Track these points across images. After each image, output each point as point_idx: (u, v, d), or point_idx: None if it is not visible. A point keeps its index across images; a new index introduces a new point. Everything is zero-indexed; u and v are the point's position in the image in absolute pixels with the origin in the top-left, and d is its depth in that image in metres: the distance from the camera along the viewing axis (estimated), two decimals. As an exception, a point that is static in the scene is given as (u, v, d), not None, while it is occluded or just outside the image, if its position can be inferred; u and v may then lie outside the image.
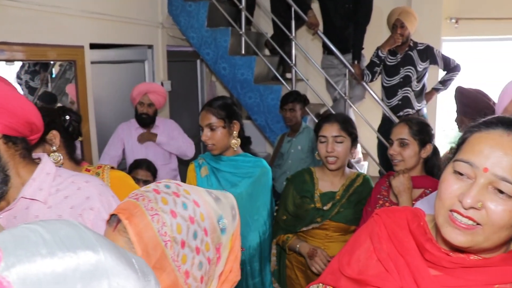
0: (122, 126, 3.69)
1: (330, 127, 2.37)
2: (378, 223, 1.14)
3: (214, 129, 2.28)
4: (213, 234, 0.94)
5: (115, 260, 0.60)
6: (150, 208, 0.88)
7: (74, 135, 1.93)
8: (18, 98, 1.29)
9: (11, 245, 0.54)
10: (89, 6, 3.52)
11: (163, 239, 0.87)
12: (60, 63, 4.01)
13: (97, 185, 1.45)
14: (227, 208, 1.00)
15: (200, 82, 5.57)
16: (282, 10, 4.76)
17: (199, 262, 0.91)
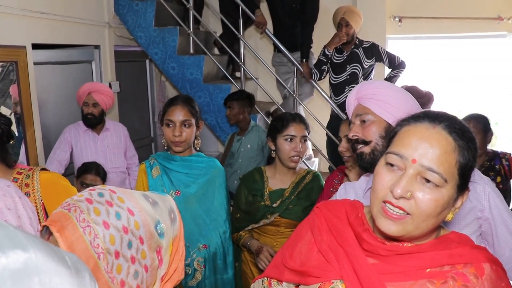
0: (69, 129, 3.60)
1: (298, 127, 2.43)
2: (319, 215, 1.18)
3: (187, 126, 2.27)
4: (150, 241, 0.94)
5: (45, 257, 0.60)
6: (82, 219, 0.87)
7: (4, 138, 1.89)
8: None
9: None
10: (31, 5, 3.41)
11: (95, 251, 0.86)
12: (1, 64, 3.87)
13: (2, 187, 1.48)
14: (165, 212, 1.00)
15: (149, 82, 5.51)
16: (230, 10, 4.77)
17: (135, 271, 0.91)
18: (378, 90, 1.60)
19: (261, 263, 2.37)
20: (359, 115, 1.63)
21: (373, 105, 1.59)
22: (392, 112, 1.52)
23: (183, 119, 2.26)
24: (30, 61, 3.43)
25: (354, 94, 1.68)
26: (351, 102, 1.69)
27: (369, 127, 1.59)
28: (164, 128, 2.31)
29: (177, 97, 2.37)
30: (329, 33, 4.75)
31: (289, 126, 2.44)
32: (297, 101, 4.57)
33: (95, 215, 0.88)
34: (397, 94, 1.60)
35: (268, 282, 1.25)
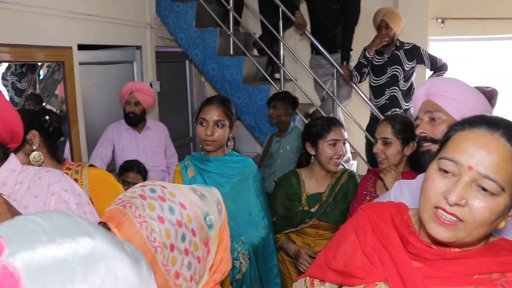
0: (112, 127, 3.69)
1: (339, 131, 2.44)
2: (363, 217, 1.17)
3: (220, 126, 2.28)
4: (201, 233, 0.96)
5: (110, 244, 0.63)
6: (138, 215, 0.90)
7: (55, 135, 1.96)
8: (10, 109, 1.39)
9: (12, 234, 0.57)
10: (77, 7, 3.53)
11: (152, 245, 0.89)
12: (48, 64, 4.00)
13: (57, 173, 1.52)
14: (213, 204, 1.02)
15: (189, 82, 5.58)
16: (270, 11, 4.78)
17: (188, 262, 0.93)
18: (452, 88, 1.54)
19: (302, 266, 2.39)
20: (429, 111, 1.57)
21: (445, 103, 1.54)
22: (464, 113, 1.46)
23: (216, 119, 2.27)
24: (76, 61, 3.54)
25: (424, 89, 1.62)
26: (420, 97, 1.63)
27: (439, 126, 1.53)
28: (198, 126, 2.33)
29: (213, 97, 2.39)
30: (369, 34, 4.71)
31: (331, 131, 2.43)
32: (336, 103, 4.54)
33: (150, 211, 0.91)
34: (471, 94, 1.54)
35: (310, 282, 1.25)
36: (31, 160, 1.75)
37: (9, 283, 0.53)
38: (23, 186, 1.47)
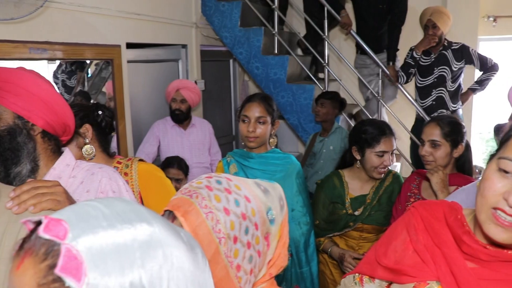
0: (158, 124, 3.76)
1: (389, 141, 2.35)
2: (415, 215, 1.15)
3: (262, 123, 2.29)
4: (262, 227, 0.97)
5: (167, 231, 0.64)
6: (204, 206, 0.91)
7: (107, 130, 2.01)
8: (63, 102, 1.45)
9: (75, 219, 0.59)
10: (126, 7, 3.61)
11: (217, 236, 0.90)
12: (96, 62, 4.12)
13: (109, 171, 1.56)
14: (276, 199, 1.02)
15: (232, 81, 5.61)
16: (315, 10, 4.76)
17: (250, 255, 0.94)
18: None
19: (347, 270, 2.34)
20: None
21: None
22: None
23: (258, 116, 2.28)
24: (124, 59, 3.63)
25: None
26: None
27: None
28: (240, 123, 2.35)
29: (255, 94, 2.41)
30: (416, 34, 4.62)
31: (381, 142, 2.34)
32: (380, 104, 4.48)
33: (216, 202, 0.92)
34: None
35: (359, 278, 1.24)
36: (84, 153, 1.81)
37: (73, 265, 0.56)
38: (76, 180, 1.51)
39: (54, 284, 0.56)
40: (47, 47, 2.97)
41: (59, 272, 0.56)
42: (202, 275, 0.67)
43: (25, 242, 0.61)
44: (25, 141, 1.38)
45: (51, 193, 1.18)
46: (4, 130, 1.34)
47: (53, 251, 0.58)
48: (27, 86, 1.36)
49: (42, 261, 0.58)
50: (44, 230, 0.58)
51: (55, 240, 0.58)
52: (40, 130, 1.40)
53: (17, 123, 1.36)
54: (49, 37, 2.98)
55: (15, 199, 1.14)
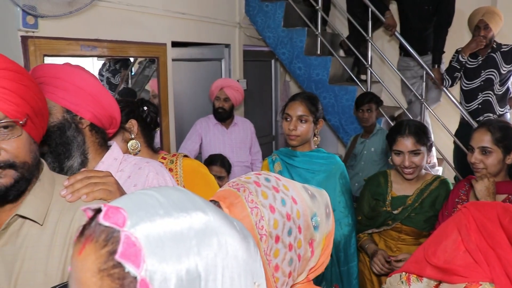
0: (200, 121, 3.82)
1: (404, 141, 2.33)
2: (466, 215, 1.14)
3: (304, 121, 2.31)
4: (306, 232, 0.96)
5: (221, 220, 0.66)
6: (250, 200, 0.92)
7: (152, 125, 2.05)
8: (108, 95, 1.49)
9: (133, 207, 0.62)
10: (172, 6, 3.68)
11: (259, 232, 0.90)
12: (139, 61, 4.21)
13: (156, 166, 1.59)
14: (322, 206, 1.02)
15: (274, 81, 5.63)
16: (358, 11, 4.73)
17: (290, 258, 0.93)
18: None
19: (375, 266, 2.36)
20: None
21: None
22: None
23: (299, 114, 2.29)
24: (169, 57, 3.70)
25: None
26: None
27: None
28: (283, 121, 2.37)
29: (300, 93, 2.42)
30: (462, 36, 4.52)
31: (396, 141, 2.35)
32: (423, 106, 4.40)
33: (263, 198, 0.92)
34: None
35: (406, 277, 1.23)
36: (129, 148, 1.85)
37: (132, 252, 0.58)
38: (124, 174, 1.54)
39: (114, 269, 0.59)
40: (97, 45, 3.06)
41: (119, 258, 0.58)
42: (254, 264, 0.68)
43: (86, 229, 0.64)
44: (74, 135, 1.42)
45: (103, 183, 1.22)
46: (54, 125, 1.39)
47: (113, 237, 0.60)
48: (75, 80, 1.41)
49: (103, 247, 0.60)
50: (104, 217, 0.61)
51: (115, 227, 0.60)
52: (88, 123, 1.44)
53: (66, 117, 1.41)
54: (99, 35, 3.07)
55: (69, 187, 1.17)
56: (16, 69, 1.06)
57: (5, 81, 1.02)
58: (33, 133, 1.11)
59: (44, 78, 1.40)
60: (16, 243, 1.09)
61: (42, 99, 1.15)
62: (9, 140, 1.04)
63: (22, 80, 1.06)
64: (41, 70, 1.43)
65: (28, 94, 1.07)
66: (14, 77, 1.04)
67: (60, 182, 1.19)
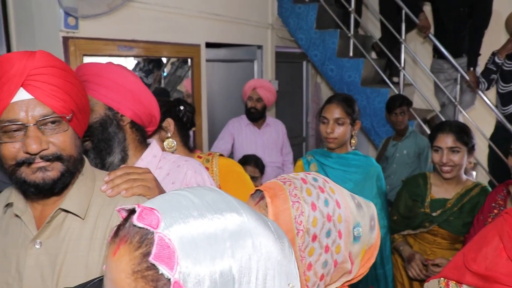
0: (233, 122, 3.85)
1: (444, 138, 2.32)
2: (509, 222, 1.12)
3: (341, 124, 2.31)
4: (347, 239, 0.95)
5: (256, 221, 0.66)
6: (293, 194, 0.93)
7: (188, 125, 2.08)
8: (149, 94, 1.52)
9: (166, 208, 0.62)
10: (206, 7, 3.73)
11: (297, 227, 0.91)
12: (172, 61, 4.28)
13: (194, 164, 1.61)
14: (367, 217, 1.01)
15: (305, 83, 5.63)
16: (391, 13, 4.68)
17: (325, 260, 0.93)
18: None
19: (412, 271, 2.32)
20: None
21: None
22: None
23: (336, 117, 2.30)
24: (203, 58, 3.75)
25: None
26: None
27: None
28: (320, 124, 2.37)
29: (336, 95, 2.42)
30: (499, 38, 4.43)
31: (436, 137, 2.34)
32: (457, 110, 4.34)
33: (306, 195, 0.93)
34: None
35: (445, 283, 1.22)
36: (165, 146, 1.88)
37: (166, 254, 0.58)
38: (163, 171, 1.57)
39: (148, 271, 0.59)
40: (133, 45, 3.13)
41: (153, 260, 0.58)
42: (288, 265, 0.67)
43: (120, 230, 0.64)
44: (116, 131, 1.46)
45: (142, 179, 1.24)
46: (96, 121, 1.43)
47: (147, 239, 0.60)
48: (116, 78, 1.45)
49: (137, 249, 0.60)
50: (138, 218, 0.61)
51: (149, 229, 0.60)
52: (128, 120, 1.48)
53: (108, 114, 1.45)
54: (135, 36, 3.14)
55: (109, 183, 1.21)
56: (62, 66, 1.10)
57: (53, 78, 1.06)
58: (77, 129, 1.15)
59: (88, 76, 1.44)
60: (59, 236, 1.13)
61: (85, 96, 1.19)
62: (56, 135, 1.08)
63: (68, 78, 1.10)
64: (85, 69, 1.48)
65: (73, 91, 1.11)
66: (61, 74, 1.08)
67: (101, 178, 1.23)
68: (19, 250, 1.13)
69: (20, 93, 1.04)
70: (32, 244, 1.12)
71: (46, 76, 1.05)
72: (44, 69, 1.05)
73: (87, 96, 1.21)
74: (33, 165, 1.06)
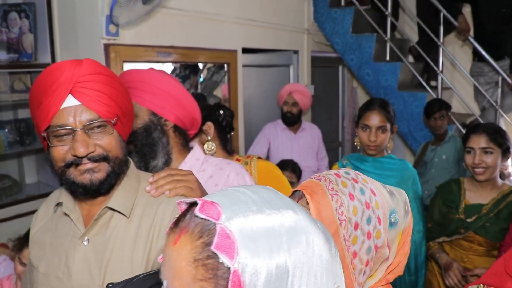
0: (269, 126, 3.87)
1: (477, 138, 2.29)
2: None
3: (383, 131, 2.31)
4: (385, 224, 0.98)
5: (309, 220, 0.69)
6: (330, 188, 0.96)
7: (227, 129, 2.11)
8: (190, 98, 1.57)
9: (226, 202, 0.65)
10: (243, 13, 3.77)
11: (339, 218, 0.93)
12: (208, 67, 4.33)
13: (236, 167, 1.63)
14: (401, 203, 1.04)
15: (341, 87, 5.61)
16: (429, 16, 4.61)
17: (368, 246, 0.95)
18: None
19: (449, 280, 2.29)
20: None
21: None
22: None
23: (379, 125, 2.29)
24: (240, 63, 3.79)
25: None
26: None
27: None
28: (359, 131, 2.36)
29: (373, 101, 2.39)
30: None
31: (469, 138, 2.31)
32: (498, 114, 4.23)
33: (342, 187, 0.97)
34: None
35: (485, 290, 1.20)
36: (205, 149, 1.91)
37: (226, 244, 0.61)
38: (205, 174, 1.60)
39: (209, 260, 0.62)
40: (172, 51, 3.20)
41: (214, 249, 0.61)
42: (335, 265, 0.69)
43: (180, 221, 0.67)
44: (159, 136, 1.51)
45: (185, 181, 1.27)
46: (141, 127, 1.48)
47: (208, 230, 0.63)
48: (160, 84, 1.49)
49: (198, 239, 0.63)
50: (200, 210, 0.64)
51: (210, 220, 0.63)
52: (172, 125, 1.53)
53: (152, 119, 1.50)
54: (173, 42, 3.20)
55: (153, 183, 1.25)
56: (107, 73, 1.15)
57: (98, 84, 1.11)
58: (122, 132, 1.20)
59: (132, 83, 1.49)
60: (106, 234, 1.18)
61: (129, 101, 1.23)
62: (102, 137, 1.13)
63: (112, 84, 1.15)
64: (129, 75, 1.53)
65: (117, 96, 1.16)
66: (106, 80, 1.13)
67: (145, 179, 1.27)
68: (68, 247, 1.19)
69: (68, 99, 1.09)
70: (80, 241, 1.18)
71: (92, 83, 1.10)
72: (90, 76, 1.10)
73: (131, 101, 1.25)
74: (81, 167, 1.12)
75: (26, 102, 3.37)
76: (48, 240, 1.25)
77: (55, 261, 1.21)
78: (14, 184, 3.32)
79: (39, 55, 3.18)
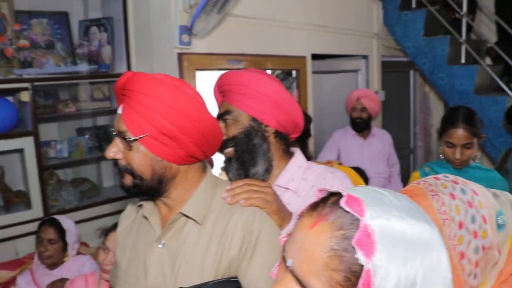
0: (338, 133, 3.81)
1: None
2: None
3: (469, 147, 2.19)
4: (491, 225, 0.94)
5: (440, 237, 0.67)
6: (430, 190, 0.95)
7: (306, 134, 2.09)
8: (292, 101, 1.49)
9: (370, 201, 0.65)
10: (311, 19, 3.76)
11: (441, 217, 0.91)
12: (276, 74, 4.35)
13: (340, 176, 1.55)
14: (507, 204, 0.98)
15: (412, 92, 5.46)
16: (510, 14, 4.39)
17: (476, 246, 0.92)
18: None
19: None
20: None
21: None
22: None
23: (464, 142, 2.17)
24: (309, 69, 3.78)
25: None
26: None
27: None
28: (444, 146, 2.25)
29: (457, 115, 2.22)
30: None
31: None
32: None
33: (442, 187, 0.95)
34: None
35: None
36: None
37: (366, 242, 0.61)
38: (308, 183, 1.53)
39: (345, 253, 0.62)
40: (242, 59, 3.24)
41: (354, 243, 0.61)
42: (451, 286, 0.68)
43: (319, 207, 0.68)
44: (260, 143, 1.47)
45: (262, 192, 1.25)
46: (241, 132, 1.45)
47: (352, 224, 0.63)
48: (261, 88, 1.44)
49: (339, 229, 0.63)
50: (345, 202, 0.64)
51: (355, 215, 0.63)
52: (273, 130, 1.48)
53: (252, 125, 1.46)
54: (243, 49, 3.24)
55: (230, 191, 1.24)
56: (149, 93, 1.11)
57: (132, 101, 1.13)
58: (158, 152, 1.14)
59: (231, 86, 1.47)
60: (180, 239, 1.20)
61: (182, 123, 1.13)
62: (129, 151, 1.14)
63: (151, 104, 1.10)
64: (228, 78, 1.49)
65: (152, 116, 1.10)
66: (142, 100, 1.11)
67: (221, 186, 1.27)
68: (146, 248, 1.23)
69: (121, 107, 1.17)
70: (157, 243, 1.21)
71: (129, 98, 1.13)
72: (128, 92, 1.13)
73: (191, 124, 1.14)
74: (116, 167, 1.19)
75: (105, 110, 3.55)
76: (130, 240, 1.31)
77: (135, 260, 1.26)
78: (93, 187, 3.49)
79: (116, 65, 3.33)
